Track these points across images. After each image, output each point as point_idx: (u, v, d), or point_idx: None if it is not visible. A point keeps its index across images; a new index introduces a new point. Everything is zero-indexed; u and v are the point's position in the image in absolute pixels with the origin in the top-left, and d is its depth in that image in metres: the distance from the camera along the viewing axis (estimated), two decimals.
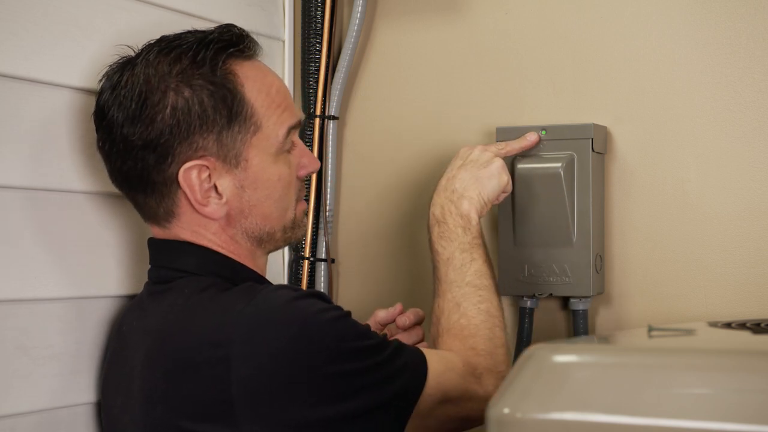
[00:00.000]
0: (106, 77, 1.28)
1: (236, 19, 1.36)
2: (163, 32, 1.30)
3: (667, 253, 1.47)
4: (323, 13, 1.65)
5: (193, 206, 1.26)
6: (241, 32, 1.30)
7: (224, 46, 1.27)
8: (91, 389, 1.34)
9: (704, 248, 1.45)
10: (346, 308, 1.22)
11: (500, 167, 1.41)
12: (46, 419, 1.29)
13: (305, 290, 1.26)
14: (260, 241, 1.31)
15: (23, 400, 1.27)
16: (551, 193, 1.45)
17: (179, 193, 1.26)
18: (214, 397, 1.14)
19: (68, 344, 1.32)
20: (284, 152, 1.31)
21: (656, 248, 1.48)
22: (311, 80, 1.65)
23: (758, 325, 1.16)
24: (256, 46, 1.31)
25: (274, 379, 1.14)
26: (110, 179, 1.31)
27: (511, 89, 1.57)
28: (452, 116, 1.62)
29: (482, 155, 1.42)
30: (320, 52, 1.65)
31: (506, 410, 0.90)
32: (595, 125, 1.46)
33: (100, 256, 1.37)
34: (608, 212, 1.51)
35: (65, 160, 1.33)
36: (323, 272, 1.65)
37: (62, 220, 1.32)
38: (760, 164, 1.42)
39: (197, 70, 1.25)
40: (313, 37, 1.65)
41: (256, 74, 1.29)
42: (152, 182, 1.25)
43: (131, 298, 1.38)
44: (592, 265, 1.45)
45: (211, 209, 1.26)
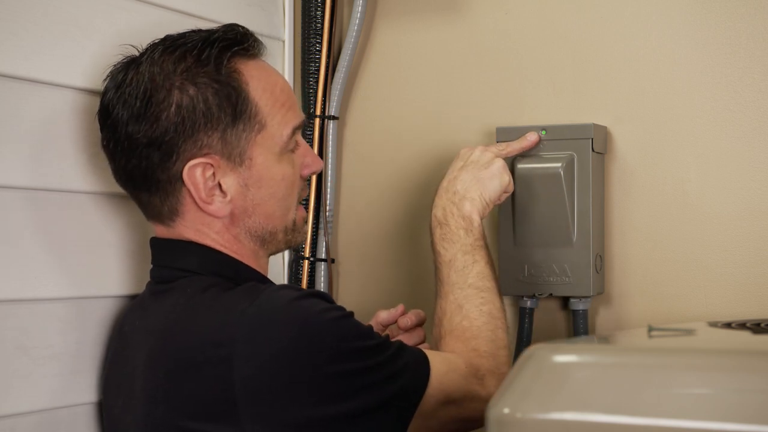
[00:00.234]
0: (110, 77, 1.28)
1: (236, 19, 1.36)
2: (163, 32, 1.30)
3: (667, 253, 1.47)
4: (323, 13, 1.65)
5: (197, 204, 1.26)
6: (245, 31, 1.30)
7: (229, 44, 1.27)
8: (91, 389, 1.34)
9: (704, 248, 1.45)
10: (347, 309, 1.22)
11: (501, 167, 1.41)
12: (46, 419, 1.29)
13: (307, 290, 1.27)
14: (263, 240, 1.31)
15: (23, 400, 1.27)
16: (551, 193, 1.45)
17: (183, 191, 1.26)
18: (216, 396, 1.14)
19: (69, 344, 1.32)
20: (288, 152, 1.31)
21: (656, 248, 1.48)
22: (311, 80, 1.65)
23: (758, 325, 1.16)
24: (260, 45, 1.31)
25: (275, 378, 1.14)
26: (114, 178, 1.31)
27: (511, 89, 1.57)
28: (452, 116, 1.62)
29: (483, 156, 1.41)
30: (320, 52, 1.65)
31: (506, 410, 0.90)
32: (595, 125, 1.46)
33: (100, 256, 1.37)
34: (608, 212, 1.51)
35: (65, 160, 1.33)
36: (323, 272, 1.65)
37: (62, 220, 1.32)
38: (760, 164, 1.42)
39: (202, 68, 1.25)
40: (313, 37, 1.65)
41: (260, 73, 1.29)
42: (156, 180, 1.25)
43: (132, 298, 1.38)
44: (592, 265, 1.45)
45: (215, 207, 1.26)
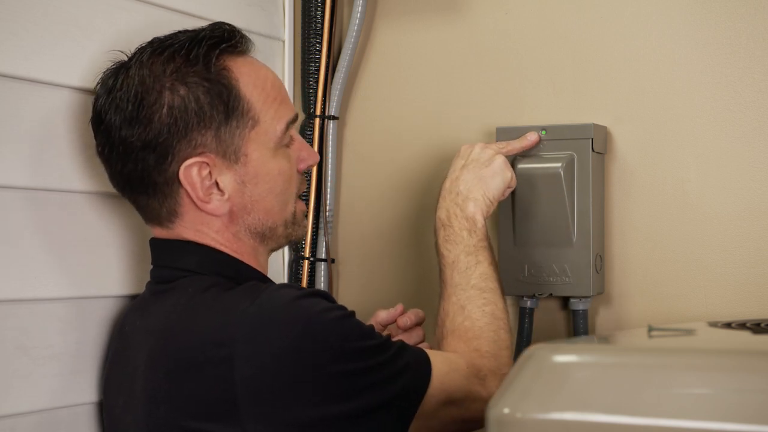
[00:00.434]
0: (100, 83, 1.28)
1: (236, 19, 1.36)
2: (163, 32, 1.30)
3: (667, 253, 1.47)
4: (323, 13, 1.65)
5: (195, 204, 1.26)
6: (232, 28, 1.30)
7: (216, 42, 1.27)
8: (91, 389, 1.34)
9: (704, 248, 1.45)
10: (348, 308, 1.22)
11: (502, 164, 1.41)
12: (46, 419, 1.29)
13: (309, 289, 1.26)
14: (263, 237, 1.31)
15: (23, 400, 1.26)
16: (551, 193, 1.45)
17: (181, 191, 1.26)
18: (217, 396, 1.14)
19: (69, 344, 1.32)
20: (283, 146, 1.31)
21: (656, 248, 1.48)
22: (311, 80, 1.65)
23: (758, 325, 1.16)
24: (247, 41, 1.31)
25: (277, 378, 1.14)
26: (111, 184, 1.31)
27: (511, 89, 1.57)
28: (452, 116, 1.62)
29: (483, 153, 1.41)
30: (320, 52, 1.65)
31: (506, 410, 0.90)
32: (595, 125, 1.46)
33: (100, 256, 1.37)
34: (608, 212, 1.51)
35: (65, 160, 1.33)
36: (323, 272, 1.65)
37: (62, 220, 1.32)
38: (760, 164, 1.42)
39: (191, 67, 1.25)
40: (313, 37, 1.65)
41: (250, 69, 1.30)
42: (153, 183, 1.25)
43: (132, 298, 1.38)
44: (592, 265, 1.45)
45: (213, 206, 1.26)
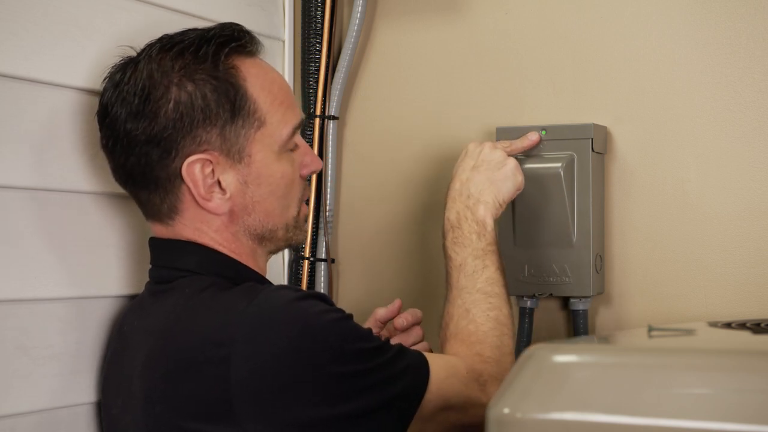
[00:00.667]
0: (108, 77, 1.29)
1: (236, 19, 1.36)
2: (162, 32, 1.30)
3: (667, 253, 1.47)
4: (323, 13, 1.65)
5: (196, 201, 1.26)
6: (241, 28, 1.30)
7: (226, 41, 1.27)
8: (91, 389, 1.34)
9: (704, 248, 1.45)
10: (347, 309, 1.22)
11: (514, 167, 1.40)
12: (46, 419, 1.29)
13: (306, 291, 1.26)
14: (262, 238, 1.31)
15: (23, 400, 1.26)
16: (551, 193, 1.45)
17: (183, 188, 1.26)
18: (216, 396, 1.14)
19: (68, 344, 1.32)
20: (287, 150, 1.31)
21: (656, 248, 1.48)
22: (311, 80, 1.65)
23: (758, 325, 1.16)
24: (257, 43, 1.32)
25: (277, 378, 1.14)
26: (114, 177, 1.31)
27: (511, 89, 1.57)
28: (452, 116, 1.62)
29: (494, 155, 1.40)
30: (320, 52, 1.65)
31: (506, 410, 0.90)
32: (595, 125, 1.46)
33: (100, 256, 1.37)
34: (608, 212, 1.51)
35: (66, 160, 1.33)
36: (323, 272, 1.65)
37: (63, 220, 1.32)
38: (760, 164, 1.42)
39: (200, 65, 1.25)
40: (313, 37, 1.65)
41: (258, 71, 1.30)
42: (156, 178, 1.25)
43: (132, 298, 1.38)
44: (592, 265, 1.45)
45: (214, 204, 1.26)
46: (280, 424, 1.14)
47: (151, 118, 1.24)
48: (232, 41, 1.28)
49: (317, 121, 1.65)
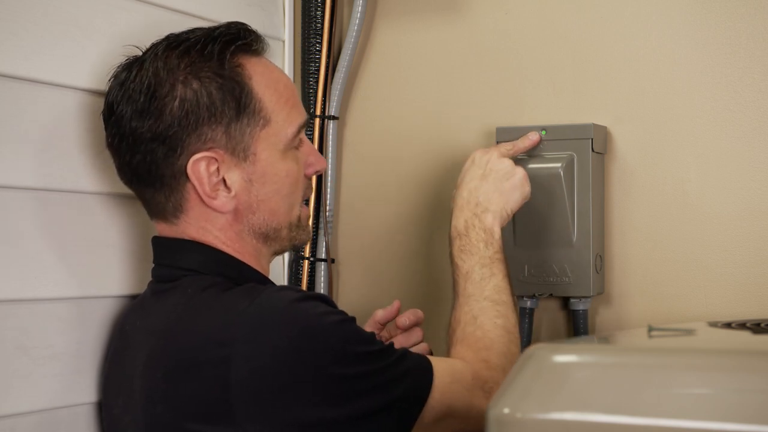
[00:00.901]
0: (114, 76, 1.29)
1: (236, 18, 1.36)
2: (163, 32, 1.30)
3: (667, 253, 1.47)
4: (323, 13, 1.65)
5: (202, 199, 1.26)
6: (247, 28, 1.30)
7: (232, 39, 1.28)
8: (92, 389, 1.34)
9: (704, 248, 1.45)
10: (347, 310, 1.22)
11: (523, 178, 1.39)
12: (46, 419, 1.29)
13: (308, 292, 1.26)
14: (266, 237, 1.31)
15: (23, 400, 1.26)
16: (551, 193, 1.45)
17: (188, 186, 1.26)
18: (216, 396, 1.14)
19: (69, 344, 1.32)
20: (292, 149, 1.31)
21: (656, 248, 1.48)
22: (311, 80, 1.65)
23: (758, 325, 1.16)
24: (263, 42, 1.32)
25: (277, 378, 1.14)
26: (119, 176, 1.31)
27: (511, 89, 1.57)
28: (452, 116, 1.62)
29: (502, 164, 1.39)
30: (320, 52, 1.65)
31: (506, 410, 0.90)
32: (595, 125, 1.46)
33: (102, 256, 1.37)
34: (608, 212, 1.51)
35: (66, 160, 1.33)
36: (323, 272, 1.65)
37: (63, 220, 1.32)
38: (760, 164, 1.42)
39: (205, 63, 1.25)
40: (313, 37, 1.65)
41: (264, 70, 1.30)
42: (161, 176, 1.26)
43: (133, 298, 1.38)
44: (592, 265, 1.45)
45: (219, 202, 1.26)
46: (279, 424, 1.14)
47: (156, 115, 1.24)
48: (237, 40, 1.28)
49: (317, 121, 1.65)
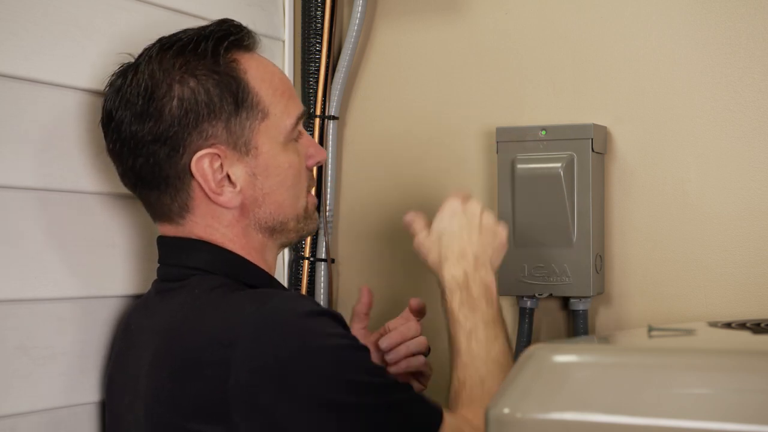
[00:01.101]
0: (109, 84, 1.29)
1: (236, 18, 1.36)
2: (163, 32, 1.30)
3: (667, 253, 1.47)
4: (323, 13, 1.65)
5: (208, 197, 1.26)
6: (238, 24, 1.31)
7: (224, 36, 1.28)
8: (94, 389, 1.34)
9: (704, 248, 1.45)
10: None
11: (505, 238, 1.36)
12: (46, 419, 1.29)
13: (323, 308, 1.23)
14: (272, 231, 1.30)
15: (23, 399, 1.26)
16: (551, 193, 1.45)
17: (193, 184, 1.26)
18: (217, 397, 1.14)
19: (72, 344, 1.32)
20: (292, 141, 1.31)
21: (656, 248, 1.48)
22: (311, 80, 1.65)
23: (758, 325, 1.16)
24: (254, 37, 1.32)
25: (274, 384, 1.13)
26: (122, 181, 1.31)
27: (511, 89, 1.57)
28: (452, 116, 1.62)
29: (491, 219, 1.35)
30: (320, 52, 1.65)
31: (506, 410, 0.90)
32: (595, 125, 1.46)
33: (102, 255, 1.37)
34: (608, 212, 1.51)
35: (66, 159, 1.32)
36: (323, 272, 1.65)
37: (64, 219, 1.32)
38: (760, 164, 1.42)
39: (200, 61, 1.26)
40: (313, 37, 1.65)
41: (257, 64, 1.30)
42: (165, 177, 1.26)
43: (136, 298, 1.38)
44: (592, 265, 1.45)
45: (226, 198, 1.26)
46: (273, 428, 1.14)
47: (156, 117, 1.24)
48: (230, 36, 1.29)
49: (317, 121, 1.65)
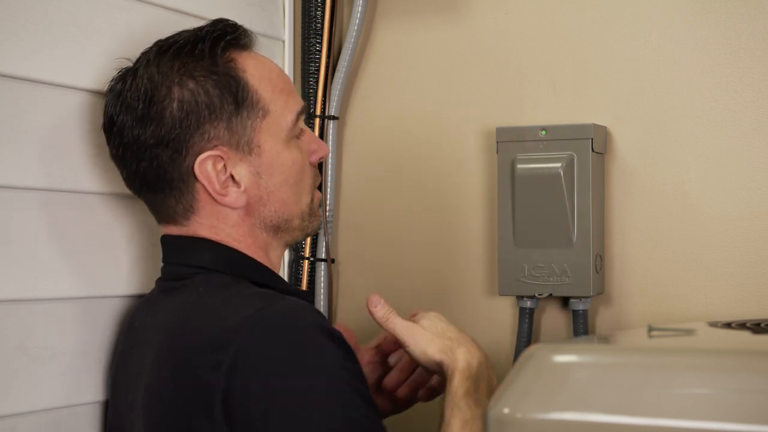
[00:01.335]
0: (109, 89, 1.30)
1: (236, 19, 1.36)
2: (163, 32, 1.30)
3: (667, 253, 1.47)
4: (323, 13, 1.65)
5: (212, 198, 1.26)
6: (233, 23, 1.31)
7: (220, 36, 1.28)
8: (96, 389, 1.34)
9: (704, 248, 1.45)
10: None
11: None
12: (47, 419, 1.29)
13: (329, 327, 1.20)
14: (277, 230, 1.30)
15: (24, 399, 1.26)
16: (551, 193, 1.45)
17: (197, 186, 1.26)
18: (216, 397, 1.14)
19: (72, 344, 1.31)
20: (294, 137, 1.31)
21: (656, 248, 1.48)
22: (311, 80, 1.65)
23: (758, 325, 1.16)
24: (250, 36, 1.32)
25: (266, 387, 1.13)
26: (127, 185, 1.31)
27: (511, 89, 1.57)
28: (452, 116, 1.62)
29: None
30: (320, 52, 1.65)
31: (506, 410, 0.90)
32: (595, 125, 1.46)
33: (107, 256, 1.37)
34: (608, 212, 1.51)
35: (66, 159, 1.32)
36: (323, 272, 1.65)
37: (65, 220, 1.32)
38: (760, 164, 1.42)
39: (198, 62, 1.26)
40: (313, 37, 1.65)
41: (255, 62, 1.30)
42: (170, 179, 1.26)
43: (139, 298, 1.38)
44: (592, 265, 1.45)
45: (231, 199, 1.26)
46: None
47: (157, 120, 1.24)
48: (226, 35, 1.29)
49: (317, 121, 1.65)
